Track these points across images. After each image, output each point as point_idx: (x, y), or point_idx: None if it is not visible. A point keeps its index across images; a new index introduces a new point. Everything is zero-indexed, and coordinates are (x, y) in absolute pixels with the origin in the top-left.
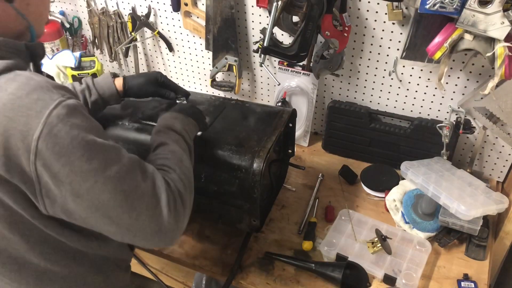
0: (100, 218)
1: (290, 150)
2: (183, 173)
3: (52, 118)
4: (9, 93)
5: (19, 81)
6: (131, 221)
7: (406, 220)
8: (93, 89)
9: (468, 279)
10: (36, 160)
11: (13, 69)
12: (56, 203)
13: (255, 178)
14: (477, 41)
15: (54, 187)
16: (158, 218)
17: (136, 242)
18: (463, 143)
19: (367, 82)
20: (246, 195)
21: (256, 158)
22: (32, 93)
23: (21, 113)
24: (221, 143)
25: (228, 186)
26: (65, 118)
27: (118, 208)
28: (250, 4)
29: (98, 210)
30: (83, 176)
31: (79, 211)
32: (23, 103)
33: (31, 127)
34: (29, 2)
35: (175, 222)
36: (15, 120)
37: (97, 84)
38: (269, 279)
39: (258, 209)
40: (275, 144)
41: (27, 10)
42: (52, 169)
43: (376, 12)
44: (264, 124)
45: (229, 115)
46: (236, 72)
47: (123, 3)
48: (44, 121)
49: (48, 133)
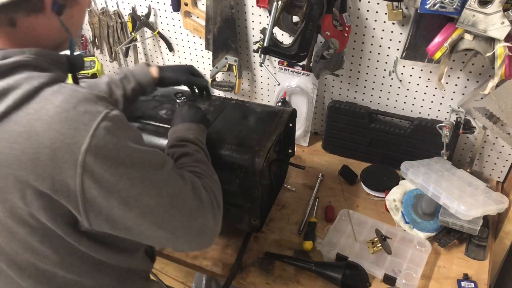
0: (147, 224)
1: (290, 150)
2: (213, 178)
3: (100, 131)
4: (56, 106)
5: (65, 94)
6: (177, 224)
7: (406, 220)
8: (131, 77)
9: (468, 279)
10: (83, 173)
11: (57, 81)
12: (101, 215)
13: (255, 177)
14: (477, 41)
15: (101, 199)
16: (201, 220)
17: (177, 246)
18: (463, 143)
19: (367, 82)
20: (246, 194)
21: (256, 157)
22: (78, 106)
23: (69, 126)
24: (221, 142)
25: (228, 185)
26: (112, 130)
27: (165, 212)
28: (250, 4)
29: (145, 217)
30: (131, 184)
31: (126, 220)
32: (70, 115)
33: (78, 140)
34: (73, 15)
35: (215, 223)
36: (62, 133)
37: (135, 72)
38: (269, 279)
39: (258, 209)
40: (275, 144)
41: (70, 22)
42: (100, 180)
43: (376, 12)
44: (264, 124)
45: (229, 115)
46: (236, 72)
47: (123, 3)
48: (92, 134)
49: (96, 145)
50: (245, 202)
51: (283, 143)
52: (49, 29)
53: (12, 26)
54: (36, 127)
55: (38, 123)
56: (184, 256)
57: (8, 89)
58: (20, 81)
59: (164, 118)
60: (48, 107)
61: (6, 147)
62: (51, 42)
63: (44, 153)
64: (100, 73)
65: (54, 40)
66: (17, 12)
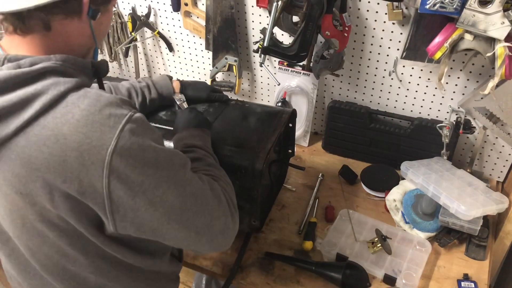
0: (171, 224)
1: (290, 150)
2: (227, 181)
3: (125, 133)
4: (82, 109)
5: (91, 98)
6: (200, 223)
7: (406, 220)
8: (153, 88)
9: (468, 279)
10: (109, 174)
11: (82, 86)
12: (127, 217)
13: (255, 178)
14: (477, 41)
15: (128, 199)
16: (222, 219)
17: (199, 246)
18: (463, 143)
19: (367, 82)
20: (246, 195)
21: (256, 158)
22: (104, 109)
23: (95, 128)
24: (221, 143)
25: None
26: (137, 131)
27: (189, 211)
28: (250, 4)
29: (171, 216)
30: (156, 183)
31: (152, 220)
32: (96, 118)
33: (104, 142)
34: (102, 22)
35: (234, 223)
36: (89, 136)
37: (156, 83)
38: (269, 279)
39: (258, 210)
40: (275, 144)
41: (99, 29)
42: (127, 181)
43: (376, 12)
44: (264, 124)
45: (229, 116)
46: (236, 72)
47: (123, 3)
48: (117, 136)
49: (122, 147)
50: (245, 203)
51: (283, 143)
52: (81, 35)
53: (47, 30)
54: (64, 131)
55: (65, 126)
56: (184, 256)
57: (36, 94)
58: (47, 86)
59: (163, 119)
60: (75, 111)
61: (34, 151)
62: (79, 49)
63: (72, 155)
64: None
65: (83, 47)
66: (55, 15)
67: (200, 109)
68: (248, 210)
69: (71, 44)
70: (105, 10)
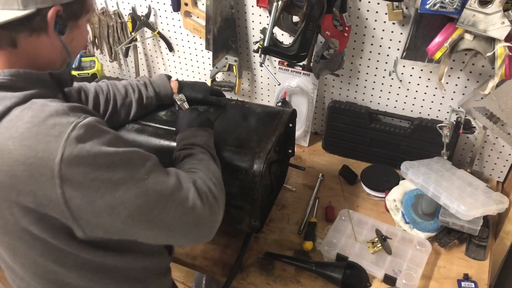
0: (138, 225)
1: (290, 150)
2: (211, 172)
3: (71, 141)
4: (26, 122)
5: (35, 109)
6: (169, 219)
7: (406, 220)
8: (150, 87)
9: (468, 279)
10: (62, 184)
11: (30, 99)
12: (91, 222)
13: (255, 179)
14: (477, 41)
15: (87, 206)
16: (193, 211)
17: (177, 241)
18: (463, 143)
19: (367, 82)
20: (246, 196)
21: (256, 159)
22: (48, 119)
23: (39, 140)
24: (221, 144)
25: (228, 187)
26: (84, 138)
27: (154, 209)
28: (250, 4)
29: (135, 217)
30: (113, 186)
31: (116, 224)
32: (40, 130)
33: (51, 153)
34: (73, 38)
35: (212, 213)
36: (34, 148)
37: (154, 82)
38: (269, 279)
39: (259, 210)
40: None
41: (71, 45)
42: (81, 188)
43: (376, 12)
44: (264, 125)
45: (229, 116)
46: (236, 72)
47: (123, 3)
48: (63, 145)
49: (69, 155)
50: (245, 204)
51: (283, 143)
52: (51, 50)
53: (13, 46)
54: (8, 146)
55: (10, 141)
56: (184, 256)
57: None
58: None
59: (163, 119)
60: (18, 124)
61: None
62: (52, 64)
63: (20, 169)
64: (100, 73)
65: (56, 61)
66: (19, 32)
67: (201, 109)
68: (248, 210)
69: (41, 59)
70: (75, 26)
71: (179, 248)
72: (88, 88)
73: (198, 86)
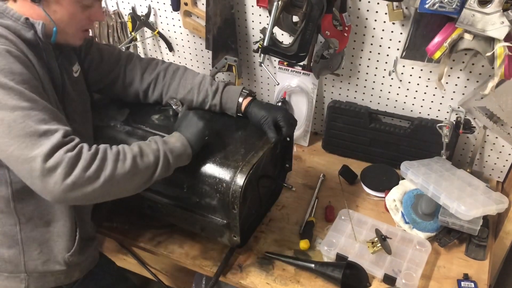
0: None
1: (287, 164)
2: (122, 155)
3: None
4: None
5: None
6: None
7: (406, 220)
8: (218, 96)
9: (468, 279)
10: None
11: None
12: None
13: (235, 194)
14: (476, 40)
15: None
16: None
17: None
18: (463, 143)
19: (367, 82)
20: (226, 210)
21: (238, 173)
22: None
23: None
24: (206, 153)
25: (209, 199)
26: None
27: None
28: (250, 4)
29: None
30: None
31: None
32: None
33: None
34: (56, 10)
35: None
36: None
37: (225, 92)
38: (269, 279)
39: (238, 226)
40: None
41: (54, 16)
42: None
43: (376, 12)
44: (254, 137)
45: (221, 122)
46: (236, 72)
47: (123, 3)
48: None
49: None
50: (225, 217)
51: (280, 157)
52: (36, 15)
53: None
54: None
55: None
56: (184, 256)
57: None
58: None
59: (155, 124)
60: None
61: None
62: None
63: None
64: None
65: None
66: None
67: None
68: (227, 224)
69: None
70: (54, 1)
71: (179, 248)
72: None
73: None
